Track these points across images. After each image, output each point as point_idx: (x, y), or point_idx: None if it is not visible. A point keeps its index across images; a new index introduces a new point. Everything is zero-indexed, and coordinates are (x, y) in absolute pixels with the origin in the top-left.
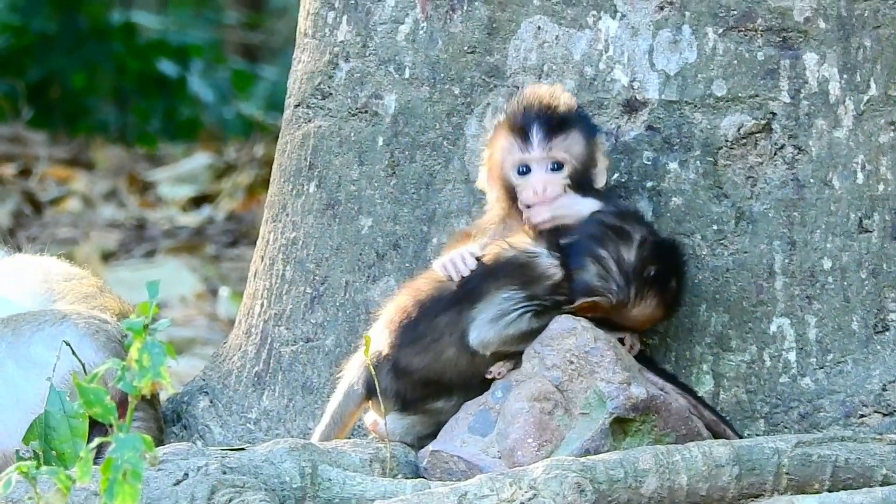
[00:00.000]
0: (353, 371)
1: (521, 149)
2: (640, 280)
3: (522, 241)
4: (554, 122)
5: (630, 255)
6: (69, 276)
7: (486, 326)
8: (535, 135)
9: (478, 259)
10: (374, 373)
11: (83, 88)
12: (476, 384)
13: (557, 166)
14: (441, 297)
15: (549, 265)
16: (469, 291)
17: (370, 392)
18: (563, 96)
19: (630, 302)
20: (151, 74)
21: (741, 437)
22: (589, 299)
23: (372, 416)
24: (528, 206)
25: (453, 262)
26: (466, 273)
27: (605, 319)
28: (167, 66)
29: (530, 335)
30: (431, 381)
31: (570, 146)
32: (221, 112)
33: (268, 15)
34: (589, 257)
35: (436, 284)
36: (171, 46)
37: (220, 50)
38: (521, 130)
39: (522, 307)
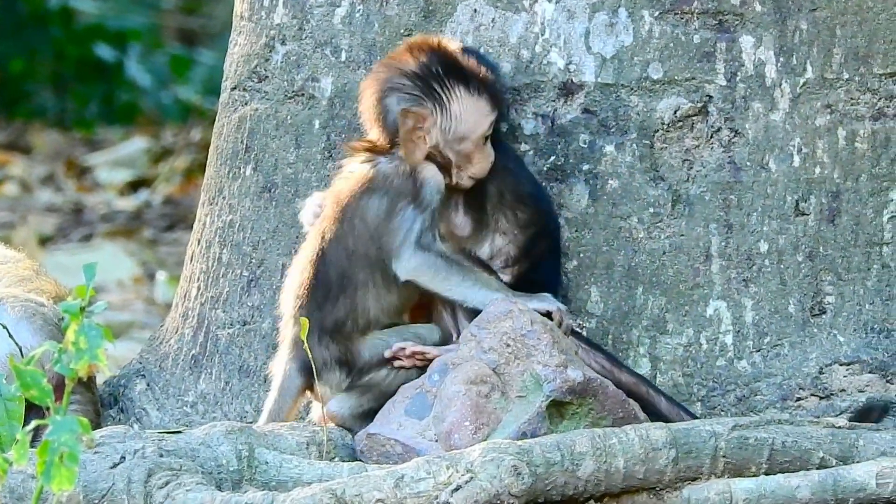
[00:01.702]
0: (280, 367)
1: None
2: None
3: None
4: None
5: None
6: (3, 259)
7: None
8: None
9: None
10: (310, 353)
11: (21, 73)
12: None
13: None
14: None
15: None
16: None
17: (308, 376)
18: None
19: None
20: (89, 59)
21: (682, 409)
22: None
23: (318, 411)
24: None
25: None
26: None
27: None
28: (105, 51)
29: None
30: (362, 327)
31: None
32: (159, 97)
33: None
34: None
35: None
36: (109, 31)
37: (158, 34)
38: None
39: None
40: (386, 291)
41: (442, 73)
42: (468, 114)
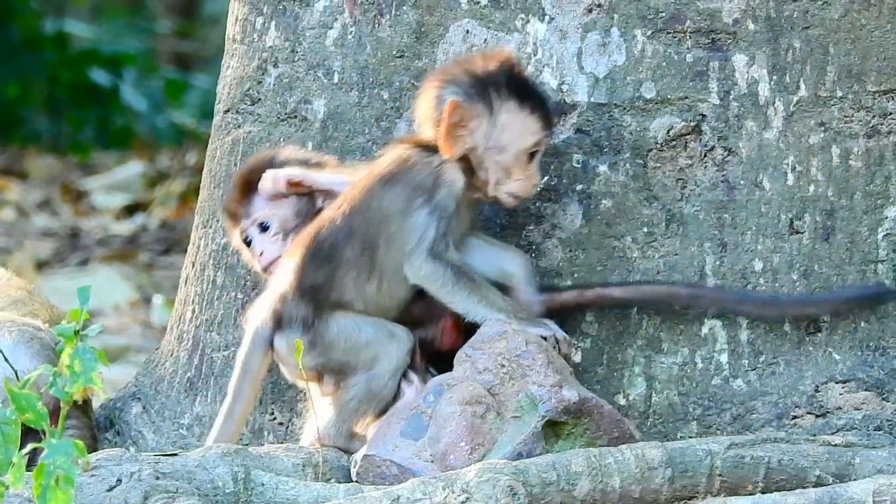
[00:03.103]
0: (247, 338)
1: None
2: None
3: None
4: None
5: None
6: None
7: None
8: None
9: None
10: (303, 372)
11: (16, 98)
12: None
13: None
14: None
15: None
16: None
17: (277, 326)
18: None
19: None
20: (84, 84)
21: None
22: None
23: (310, 436)
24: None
25: None
26: None
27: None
28: (100, 76)
29: None
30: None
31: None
32: (154, 121)
33: (200, 24)
34: None
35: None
36: (104, 56)
37: (153, 59)
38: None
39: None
40: (365, 280)
41: (501, 81)
42: (513, 126)
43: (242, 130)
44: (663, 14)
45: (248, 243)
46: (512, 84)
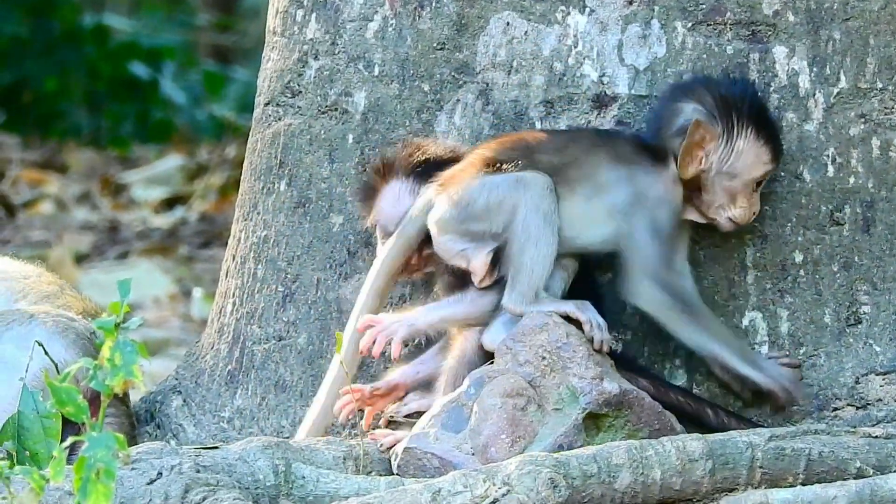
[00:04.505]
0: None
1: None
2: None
3: None
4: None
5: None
6: (25, 275)
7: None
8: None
9: None
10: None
11: (55, 92)
12: None
13: None
14: None
15: None
16: None
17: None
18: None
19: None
20: (123, 77)
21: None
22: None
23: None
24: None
25: None
26: None
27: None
28: (139, 69)
29: None
30: None
31: None
32: (194, 114)
33: (239, 17)
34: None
35: None
36: (143, 49)
37: (192, 52)
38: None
39: None
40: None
41: (742, 107)
42: (748, 154)
43: (283, 123)
44: (703, 6)
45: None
46: (752, 110)
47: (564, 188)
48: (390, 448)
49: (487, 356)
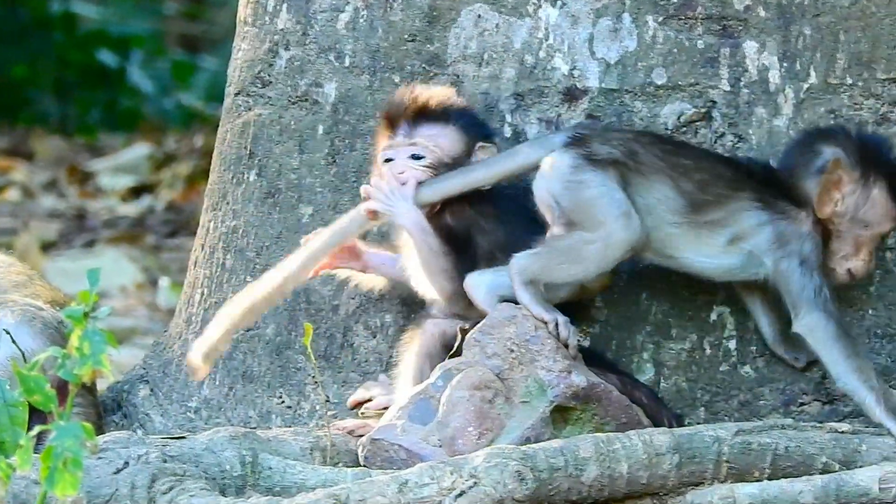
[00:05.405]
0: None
1: (388, 138)
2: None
3: None
4: (421, 116)
5: None
6: None
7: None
8: (401, 127)
9: None
10: (314, 362)
11: (23, 79)
12: None
13: (417, 157)
14: None
15: None
16: None
17: None
18: (442, 95)
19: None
20: (92, 65)
21: (678, 421)
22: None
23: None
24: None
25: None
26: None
27: None
28: (107, 57)
29: None
30: None
31: (435, 139)
32: (161, 103)
33: (208, 5)
34: None
35: None
36: (112, 37)
37: (161, 41)
38: (389, 122)
39: None
40: None
41: (880, 156)
42: (881, 206)
43: (253, 113)
44: (675, 0)
45: (387, 160)
46: (890, 162)
47: (702, 226)
48: (351, 432)
49: (448, 349)
